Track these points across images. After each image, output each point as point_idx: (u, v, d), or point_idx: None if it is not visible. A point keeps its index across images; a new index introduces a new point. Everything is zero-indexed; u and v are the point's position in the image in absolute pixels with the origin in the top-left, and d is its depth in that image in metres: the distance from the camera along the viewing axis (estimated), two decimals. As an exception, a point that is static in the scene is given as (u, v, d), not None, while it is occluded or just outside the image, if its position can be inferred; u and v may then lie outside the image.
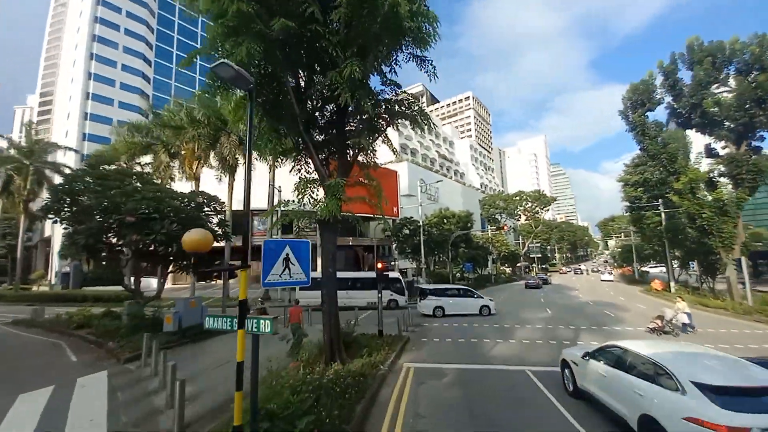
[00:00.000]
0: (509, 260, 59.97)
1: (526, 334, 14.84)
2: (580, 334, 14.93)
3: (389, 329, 13.83)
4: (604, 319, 18.74)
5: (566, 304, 25.93)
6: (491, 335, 14.74)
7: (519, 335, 14.66)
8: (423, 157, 70.39)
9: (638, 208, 37.69)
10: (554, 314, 20.57)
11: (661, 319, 14.40)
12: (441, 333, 15.42)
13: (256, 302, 19.06)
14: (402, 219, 31.63)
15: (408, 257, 32.63)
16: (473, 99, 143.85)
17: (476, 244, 44.45)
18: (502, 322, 18.09)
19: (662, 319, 14.40)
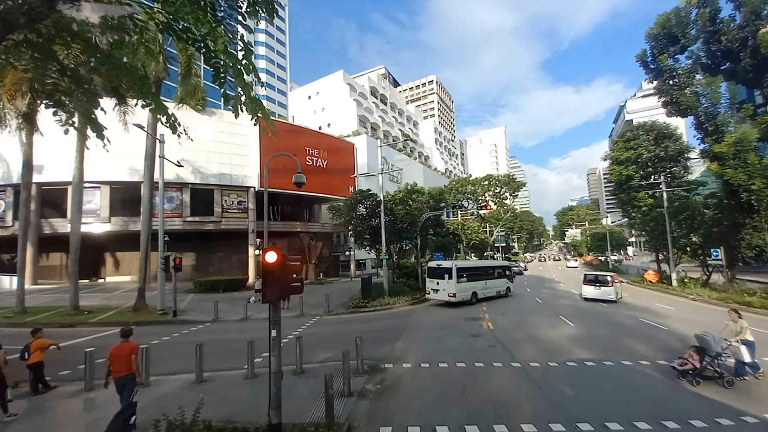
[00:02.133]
0: (478, 249, 54.34)
1: (589, 400, 7.30)
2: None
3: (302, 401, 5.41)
4: (667, 338, 11.98)
5: (573, 305, 19.43)
6: (520, 406, 6.98)
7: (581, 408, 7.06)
8: (385, 134, 62.17)
9: (630, 189, 32.84)
10: (580, 328, 13.60)
11: (698, 353, 7.88)
12: (415, 397, 7.38)
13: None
14: (357, 192, 23.18)
15: (366, 245, 24.37)
16: (437, 84, 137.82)
17: (447, 230, 37.42)
18: (517, 352, 10.55)
19: (701, 353, 7.84)
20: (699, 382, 7.67)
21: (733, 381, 7.62)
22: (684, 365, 7.85)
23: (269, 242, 32.96)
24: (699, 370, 7.73)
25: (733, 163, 17.92)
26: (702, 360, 7.75)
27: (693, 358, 7.80)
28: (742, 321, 8.30)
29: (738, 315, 8.47)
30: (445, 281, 19.28)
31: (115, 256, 32.98)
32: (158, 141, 17.44)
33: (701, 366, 7.72)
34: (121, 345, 6.04)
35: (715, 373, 7.74)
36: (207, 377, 8.59)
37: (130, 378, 5.90)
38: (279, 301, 5.31)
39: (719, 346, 7.73)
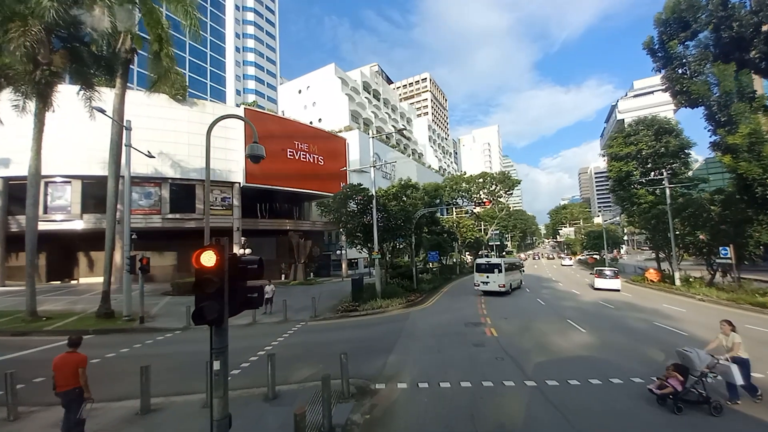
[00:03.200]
0: (473, 248, 53.16)
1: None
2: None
3: None
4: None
5: (578, 307, 18.21)
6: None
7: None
8: (378, 130, 60.58)
9: (629, 185, 31.86)
10: (593, 335, 12.30)
11: (680, 372, 6.48)
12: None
13: None
14: (348, 187, 21.60)
15: (358, 244, 22.80)
16: (430, 81, 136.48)
17: (442, 228, 36.09)
18: (529, 367, 9.17)
19: (684, 372, 6.48)
20: (681, 408, 6.23)
21: (721, 407, 6.23)
22: (663, 388, 6.42)
23: (254, 241, 31.34)
24: (681, 394, 6.31)
25: (747, 156, 16.84)
26: (685, 381, 6.36)
27: (674, 379, 6.40)
28: (735, 335, 6.85)
29: (731, 327, 7.01)
30: (495, 275, 22.39)
31: (89, 256, 30.88)
32: (124, 128, 15.59)
33: (684, 389, 6.32)
34: (66, 356, 5.40)
35: (700, 396, 6.36)
36: (158, 404, 7.01)
37: (76, 393, 5.25)
38: (221, 321, 3.75)
39: (705, 365, 6.37)
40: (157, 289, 24.63)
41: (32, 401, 7.32)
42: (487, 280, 22.56)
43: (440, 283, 29.27)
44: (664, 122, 30.89)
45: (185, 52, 54.38)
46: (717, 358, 6.47)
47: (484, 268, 23.13)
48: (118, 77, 16.84)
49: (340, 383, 7.39)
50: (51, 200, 27.15)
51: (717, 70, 17.99)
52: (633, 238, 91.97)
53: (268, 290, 17.86)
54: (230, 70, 63.27)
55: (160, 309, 17.71)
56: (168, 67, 16.78)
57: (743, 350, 6.67)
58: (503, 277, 22.20)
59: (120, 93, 16.53)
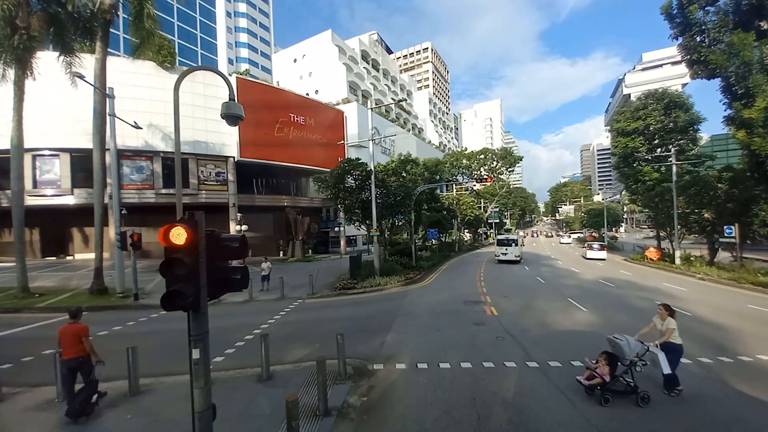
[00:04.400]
0: (472, 225, 52.97)
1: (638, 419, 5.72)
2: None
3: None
4: (697, 328, 10.56)
5: (578, 285, 18.08)
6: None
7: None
8: (377, 103, 58.63)
9: (635, 161, 31.12)
10: (595, 314, 12.14)
11: (610, 361, 6.02)
12: (411, 419, 5.66)
13: None
14: (345, 162, 20.83)
15: (356, 221, 22.32)
16: (432, 52, 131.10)
17: (442, 205, 35.59)
18: (530, 347, 8.97)
19: (613, 361, 6.03)
20: (608, 399, 5.79)
21: (648, 397, 5.79)
22: (592, 378, 6.02)
23: (251, 217, 30.84)
24: (609, 384, 5.88)
25: (762, 131, 16.10)
26: (613, 371, 5.95)
27: (602, 369, 5.99)
28: (671, 320, 6.33)
29: (668, 311, 6.44)
30: (513, 248, 28.67)
31: (83, 232, 30.43)
32: (107, 96, 14.63)
33: (612, 378, 5.90)
34: (69, 326, 5.70)
35: (628, 386, 5.95)
36: (148, 385, 6.76)
37: (80, 361, 5.60)
38: (197, 306, 3.30)
39: (635, 353, 5.94)
40: (152, 265, 24.36)
41: (17, 381, 7.07)
42: (506, 251, 28.66)
43: (439, 260, 29.15)
44: (675, 96, 29.70)
45: (173, 16, 51.44)
46: (648, 345, 6.03)
47: (504, 242, 29.51)
48: (98, 40, 15.67)
49: (336, 363, 7.15)
50: (40, 174, 26.32)
51: (737, 39, 16.83)
52: (632, 217, 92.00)
53: (265, 267, 17.60)
54: (221, 37, 60.22)
55: (155, 286, 17.47)
56: (151, 30, 15.59)
57: (677, 336, 6.21)
58: (517, 249, 28.65)
59: (101, 58, 15.42)
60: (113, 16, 15.39)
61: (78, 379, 5.73)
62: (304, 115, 35.33)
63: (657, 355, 5.97)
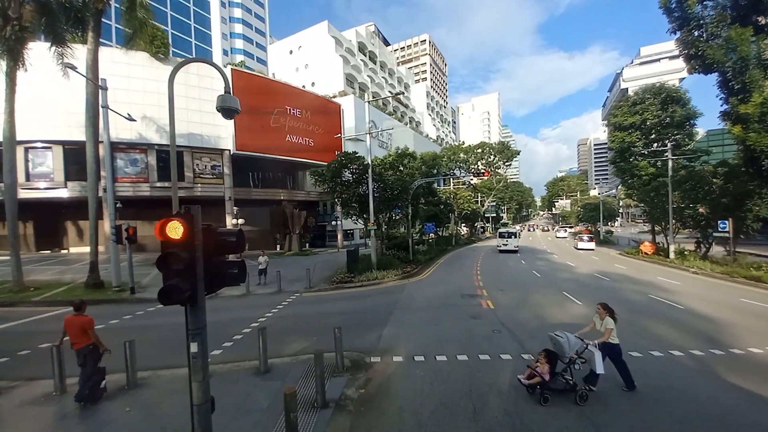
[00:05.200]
0: (469, 219, 53.11)
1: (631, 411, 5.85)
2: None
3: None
4: (688, 320, 10.71)
5: (574, 279, 18.24)
6: (547, 423, 5.48)
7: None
8: (374, 96, 58.19)
9: (631, 156, 31.23)
10: (590, 307, 12.24)
11: (550, 359, 5.94)
12: (408, 411, 5.72)
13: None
14: (342, 155, 20.71)
15: (353, 215, 22.28)
16: (430, 44, 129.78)
17: (439, 199, 35.60)
18: (526, 341, 9.09)
19: (553, 359, 5.96)
20: (547, 398, 5.68)
21: (587, 395, 5.77)
22: (532, 377, 5.86)
23: (248, 211, 30.70)
24: (549, 382, 5.75)
25: (758, 126, 16.18)
26: (553, 369, 5.84)
27: (542, 367, 5.85)
28: (609, 320, 6.18)
29: (607, 311, 6.27)
30: (513, 239, 33.12)
31: (77, 225, 30.19)
32: (99, 87, 14.39)
33: (551, 377, 5.78)
34: (74, 317, 5.91)
35: (567, 384, 5.84)
36: (145, 379, 6.78)
37: (90, 349, 5.86)
38: (194, 300, 3.29)
39: (575, 350, 5.80)
40: (148, 258, 24.25)
41: (14, 375, 7.05)
42: (507, 243, 32.92)
43: (436, 254, 29.26)
44: (672, 90, 29.74)
45: (166, 6, 50.47)
46: (587, 343, 5.91)
47: (505, 235, 33.99)
48: (90, 30, 15.35)
49: (334, 356, 7.20)
50: (33, 167, 25.96)
51: (734, 34, 16.80)
52: (628, 211, 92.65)
53: (262, 261, 17.57)
54: (216, 28, 59.24)
55: (152, 279, 17.41)
56: (144, 20, 15.30)
57: (615, 336, 6.12)
58: (516, 241, 33.13)
59: (93, 48, 15.12)
60: (105, 6, 15.08)
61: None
62: (301, 107, 35.00)
63: (593, 354, 5.84)
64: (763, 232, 27.25)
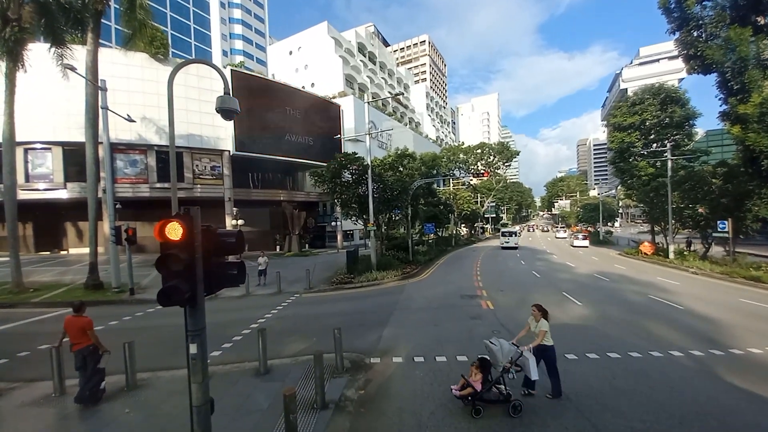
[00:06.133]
0: (469, 220, 53.13)
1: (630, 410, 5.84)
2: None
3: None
4: (688, 320, 10.71)
5: (573, 279, 18.25)
6: (546, 425, 5.47)
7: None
8: (374, 97, 58.23)
9: (630, 156, 31.25)
10: (590, 308, 12.26)
11: (483, 369, 5.50)
12: (408, 412, 5.69)
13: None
14: (342, 156, 20.74)
15: (353, 216, 22.29)
16: (429, 45, 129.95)
17: (438, 200, 35.62)
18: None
19: (486, 368, 5.51)
20: (480, 410, 5.29)
21: (521, 406, 5.37)
22: (464, 388, 5.45)
23: (247, 211, 30.68)
24: (481, 393, 5.36)
25: (757, 126, 16.21)
26: (485, 379, 5.44)
27: (475, 377, 5.46)
28: (544, 321, 5.85)
29: (541, 311, 5.94)
30: (513, 237, 37.80)
31: (77, 226, 30.18)
32: (99, 88, 14.39)
33: (483, 387, 5.38)
34: (74, 318, 5.91)
35: (500, 395, 5.47)
36: (144, 380, 6.77)
37: (90, 350, 5.88)
38: (193, 302, 3.29)
39: (508, 358, 5.41)
40: (148, 260, 24.23)
41: (13, 377, 7.05)
42: (508, 240, 37.24)
43: (436, 254, 29.27)
44: (672, 91, 29.79)
45: (165, 7, 50.52)
46: (521, 350, 5.54)
47: (507, 234, 38.46)
48: (90, 31, 15.36)
49: (333, 357, 7.20)
50: (32, 168, 25.97)
51: (733, 34, 16.84)
52: (627, 211, 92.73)
53: (262, 262, 17.57)
54: (215, 29, 59.30)
55: (151, 280, 17.40)
56: (143, 20, 15.31)
57: (549, 338, 5.84)
58: (516, 239, 37.98)
59: (92, 49, 15.13)
60: (105, 7, 15.09)
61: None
62: (300, 108, 35.02)
63: (528, 360, 5.48)
64: (763, 232, 27.29)
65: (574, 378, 6.70)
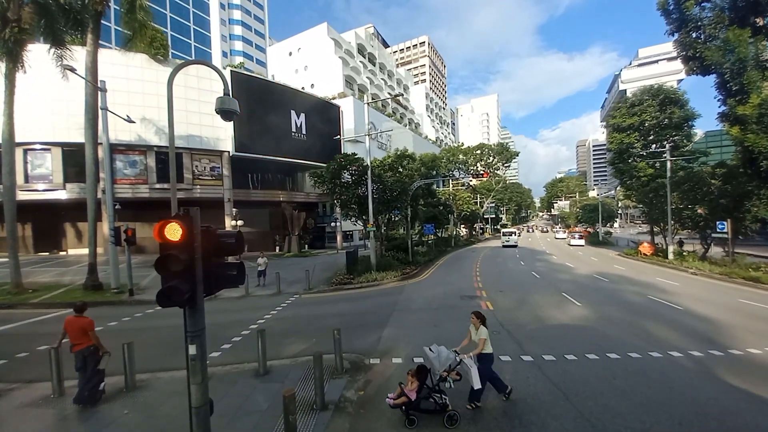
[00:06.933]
0: (468, 220, 53.13)
1: (629, 411, 5.83)
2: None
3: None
4: (688, 321, 10.72)
5: (573, 280, 18.26)
6: (545, 424, 5.49)
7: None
8: (373, 98, 58.27)
9: (630, 157, 31.28)
10: (589, 309, 12.26)
11: (420, 377, 5.21)
12: (419, 410, 5.66)
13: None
14: (342, 157, 20.75)
15: (352, 216, 22.28)
16: (429, 46, 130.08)
17: (438, 200, 35.63)
18: (525, 342, 9.08)
19: (423, 377, 5.23)
20: (413, 420, 5.09)
21: (457, 417, 5.12)
22: (399, 397, 5.18)
23: (247, 212, 30.67)
24: (416, 403, 5.10)
25: (756, 127, 16.25)
26: (420, 388, 5.15)
27: (411, 386, 5.17)
28: (483, 329, 5.65)
29: (479, 319, 5.75)
30: (513, 237, 41.50)
31: (76, 227, 30.14)
32: (99, 89, 14.39)
33: (417, 397, 5.10)
34: (75, 319, 5.93)
35: (436, 405, 5.20)
36: (144, 381, 6.76)
37: (91, 350, 5.90)
38: (193, 302, 3.29)
39: (445, 366, 5.21)
40: (147, 260, 24.21)
41: (12, 378, 7.04)
42: (509, 240, 40.77)
43: (435, 255, 29.27)
44: (671, 92, 29.82)
45: (165, 8, 50.56)
46: (460, 357, 5.34)
47: (507, 234, 42.38)
48: (89, 32, 15.37)
49: (333, 358, 7.20)
50: (31, 169, 25.95)
51: (732, 35, 16.89)
52: (627, 212, 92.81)
53: (261, 262, 17.56)
54: (215, 30, 59.34)
55: (151, 281, 17.39)
56: (143, 21, 15.33)
57: (489, 346, 5.65)
58: (516, 238, 41.71)
59: (92, 50, 15.13)
60: (104, 7, 15.10)
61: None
62: (300, 109, 35.04)
63: (469, 368, 5.27)
64: (762, 232, 27.37)
65: (574, 378, 6.70)
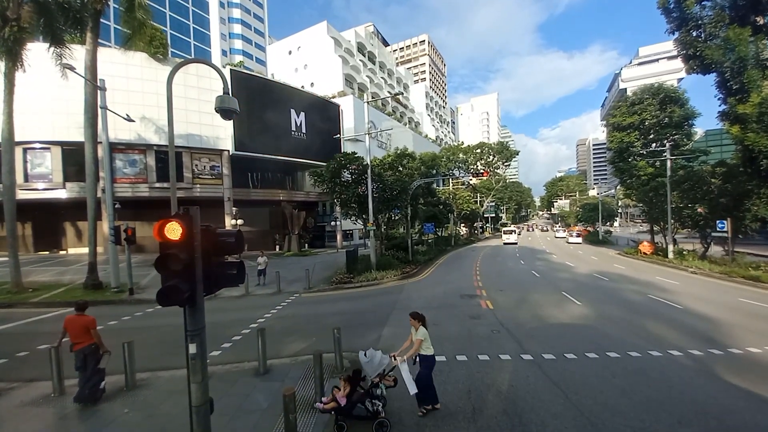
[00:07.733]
0: (468, 219, 53.11)
1: (630, 410, 5.82)
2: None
3: None
4: (687, 320, 10.72)
5: (573, 279, 18.27)
6: (545, 424, 5.49)
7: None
8: (373, 96, 58.21)
9: (630, 156, 31.25)
10: (589, 307, 12.27)
11: (353, 381, 5.11)
12: (408, 413, 5.62)
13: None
14: (341, 156, 20.72)
15: (352, 216, 22.26)
16: (429, 44, 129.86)
17: (438, 200, 35.61)
18: (525, 341, 9.09)
19: (354, 382, 5.12)
20: (343, 426, 4.91)
21: (387, 424, 4.89)
22: (330, 402, 5.03)
23: (247, 211, 30.66)
24: (345, 409, 4.92)
25: (756, 126, 16.24)
26: (352, 393, 4.99)
27: (342, 391, 5.03)
28: (423, 329, 5.45)
29: (418, 319, 5.51)
30: (513, 235, 44.35)
31: (76, 226, 30.13)
32: (98, 88, 14.37)
33: (348, 402, 4.92)
34: (76, 317, 5.92)
35: (368, 411, 4.97)
36: (144, 380, 6.77)
37: (92, 348, 5.89)
38: (193, 301, 3.29)
39: (378, 372, 5.03)
40: (147, 260, 24.21)
41: (12, 377, 7.04)
42: (509, 238, 43.61)
43: (435, 254, 29.28)
44: (671, 91, 29.77)
45: (165, 6, 50.45)
46: (395, 361, 5.13)
47: (508, 232, 45.41)
48: (89, 31, 15.33)
49: (333, 357, 7.21)
50: (31, 168, 25.92)
51: (732, 34, 16.86)
52: (627, 211, 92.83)
53: (261, 261, 17.57)
54: (215, 28, 59.23)
55: (151, 280, 17.39)
56: (142, 20, 15.29)
57: (429, 347, 5.47)
58: (516, 236, 44.76)
59: (91, 49, 15.10)
60: (104, 6, 15.06)
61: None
62: (300, 108, 34.99)
63: (401, 373, 5.03)
64: (762, 231, 27.36)
65: (574, 377, 6.71)
